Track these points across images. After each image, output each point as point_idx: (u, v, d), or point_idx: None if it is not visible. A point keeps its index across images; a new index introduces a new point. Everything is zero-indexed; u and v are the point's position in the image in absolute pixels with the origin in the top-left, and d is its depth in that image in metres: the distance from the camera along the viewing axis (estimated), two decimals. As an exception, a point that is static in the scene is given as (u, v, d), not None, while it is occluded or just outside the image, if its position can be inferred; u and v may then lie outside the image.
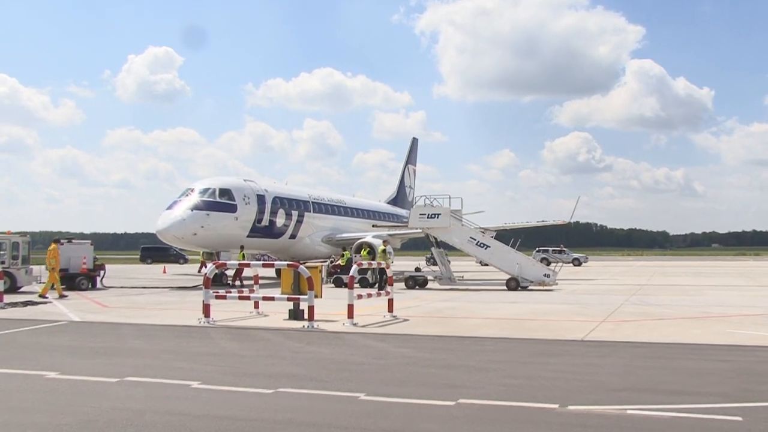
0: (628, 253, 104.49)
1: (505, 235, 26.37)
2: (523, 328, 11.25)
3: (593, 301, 16.74)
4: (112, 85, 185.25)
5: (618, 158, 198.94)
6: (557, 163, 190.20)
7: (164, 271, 37.56)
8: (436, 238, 23.08)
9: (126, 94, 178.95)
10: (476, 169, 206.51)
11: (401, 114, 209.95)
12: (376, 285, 22.42)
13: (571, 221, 30.80)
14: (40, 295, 17.81)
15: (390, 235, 33.87)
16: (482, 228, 27.47)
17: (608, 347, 9.20)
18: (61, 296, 18.14)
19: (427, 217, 22.47)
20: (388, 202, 46.07)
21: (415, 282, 22.63)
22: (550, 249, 52.00)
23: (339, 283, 23.16)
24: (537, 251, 49.93)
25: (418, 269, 24.26)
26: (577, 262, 50.59)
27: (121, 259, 63.84)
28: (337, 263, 25.29)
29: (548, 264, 42.72)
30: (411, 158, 49.55)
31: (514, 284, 21.28)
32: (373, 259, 24.03)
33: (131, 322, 12.33)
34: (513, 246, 22.60)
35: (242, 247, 25.42)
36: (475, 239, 22.15)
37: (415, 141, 50.46)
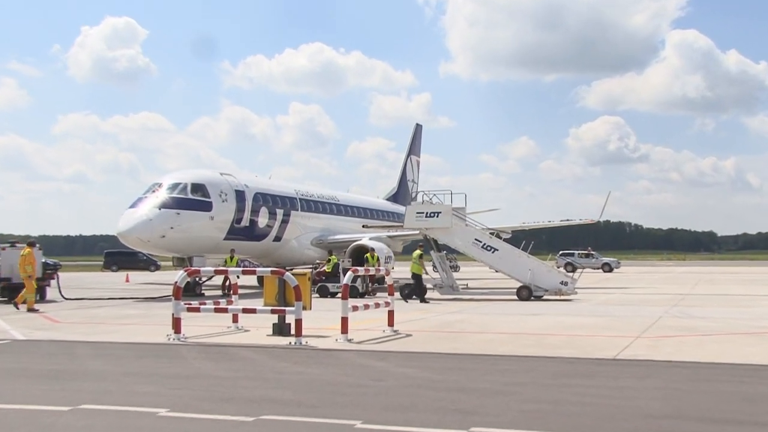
0: (667, 257, 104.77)
1: (521, 237, 26.40)
2: (545, 345, 11.26)
3: (627, 313, 16.79)
4: (62, 62, 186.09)
5: (656, 147, 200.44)
6: (584, 153, 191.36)
7: (127, 280, 37.59)
8: (436, 241, 23.25)
9: (80, 72, 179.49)
10: (490, 161, 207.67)
11: (403, 97, 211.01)
12: (366, 295, 22.64)
13: (601, 220, 30.83)
14: (29, 309, 18.19)
15: (390, 236, 33.95)
16: (494, 229, 27.51)
17: (645, 367, 9.21)
18: (31, 309, 18.34)
19: (426, 216, 22.67)
20: (388, 199, 46.14)
21: (412, 290, 22.71)
22: (576, 253, 52.07)
23: (324, 293, 23.40)
24: (561, 255, 49.98)
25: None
26: (607, 268, 50.65)
27: (78, 266, 63.77)
28: (321, 269, 25.41)
29: (573, 270, 42.80)
30: (414, 148, 49.60)
31: (525, 293, 21.45)
32: (380, 265, 24.20)
33: (88, 340, 12.32)
34: (525, 249, 22.70)
35: (233, 251, 25.49)
36: (480, 241, 22.32)
37: (418, 128, 50.53)
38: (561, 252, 52.47)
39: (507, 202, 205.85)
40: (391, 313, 13.33)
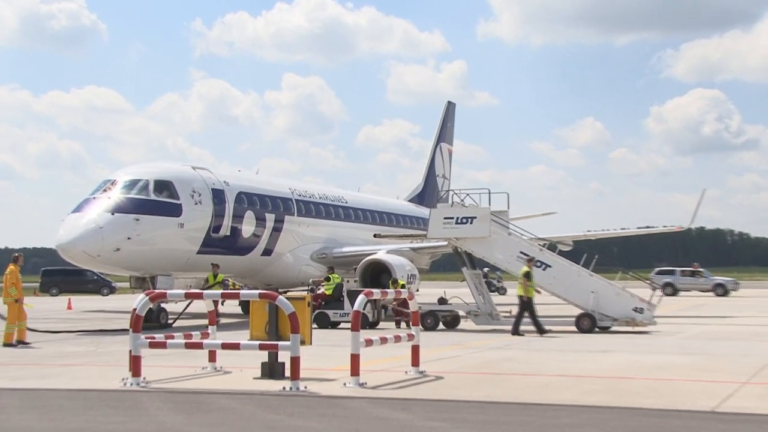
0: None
1: (584, 250, 26.16)
2: (618, 392, 11.18)
3: (729, 351, 16.68)
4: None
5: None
6: (670, 138, 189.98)
7: (69, 307, 37.81)
8: (469, 255, 23.30)
9: (3, 33, 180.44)
10: (544, 149, 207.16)
11: (429, 66, 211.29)
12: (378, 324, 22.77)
13: (692, 227, 30.57)
14: (19, 341, 18.77)
15: (414, 249, 33.90)
16: (548, 239, 27.36)
17: (757, 424, 9.10)
18: (22, 342, 18.88)
19: (456, 223, 22.83)
20: (411, 200, 46.19)
21: (437, 319, 22.65)
22: (678, 270, 51.29)
23: (323, 323, 23.44)
24: (657, 273, 49.53)
25: (442, 300, 24.48)
26: (721, 290, 49.28)
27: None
28: (320, 292, 25.43)
29: (673, 293, 42.06)
30: (445, 133, 49.69)
31: (588, 323, 21.47)
32: (402, 287, 24.41)
33: (15, 387, 12.27)
34: (588, 266, 22.64)
35: (216, 266, 25.52)
36: (527, 256, 22.27)
37: (450, 107, 50.59)
38: (657, 269, 51.98)
39: (566, 204, 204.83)
40: (415, 349, 13.28)
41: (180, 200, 25.36)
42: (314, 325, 22.44)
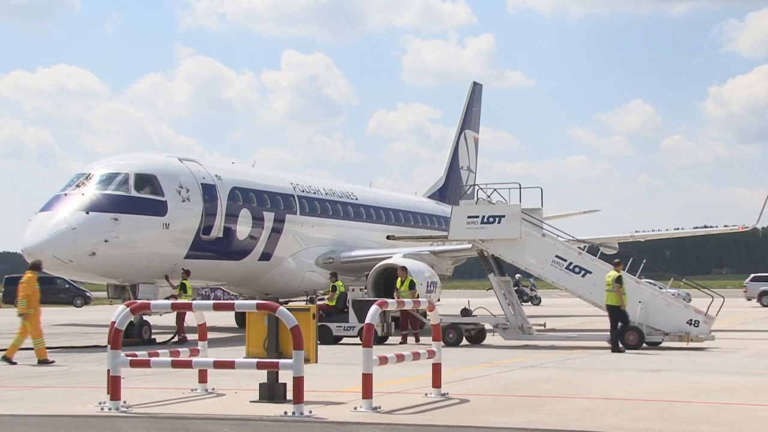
0: None
1: (632, 252, 26.19)
2: (672, 418, 11.15)
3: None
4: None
5: None
6: (732, 124, 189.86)
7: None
8: (497, 259, 23.37)
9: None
10: (586, 137, 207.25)
11: (452, 41, 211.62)
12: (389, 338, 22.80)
13: (759, 227, 30.53)
14: (41, 361, 19.02)
15: (434, 253, 33.93)
16: (590, 241, 27.35)
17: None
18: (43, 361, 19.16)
19: (482, 222, 22.87)
20: (431, 196, 46.18)
21: (460, 334, 22.76)
22: None
23: (327, 337, 23.51)
24: (752, 280, 49.28)
25: (466, 312, 24.68)
26: None
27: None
28: (322, 303, 25.48)
29: None
30: (470, 119, 49.65)
31: (634, 338, 21.46)
32: (411, 285, 24.55)
33: (-22, 411, 12.34)
34: (633, 271, 22.66)
35: (187, 273, 25.63)
36: (564, 260, 22.41)
37: (477, 89, 50.54)
38: (752, 275, 51.54)
39: (611, 201, 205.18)
40: (436, 368, 13.27)
41: (165, 197, 25.42)
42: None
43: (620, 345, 20.90)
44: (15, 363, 18.89)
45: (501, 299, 23.37)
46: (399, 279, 25.67)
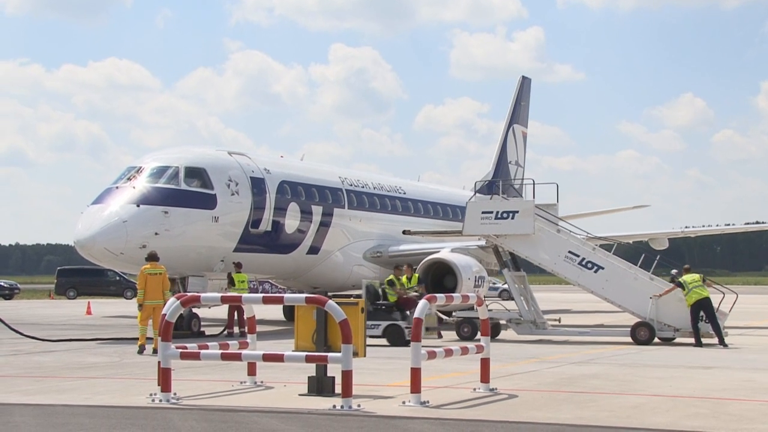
0: None
1: (682, 249, 25.97)
2: (726, 416, 11.04)
3: None
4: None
5: None
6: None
7: (89, 312, 38.53)
8: (512, 254, 23.53)
9: (11, 1, 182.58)
10: (635, 132, 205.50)
11: (500, 35, 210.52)
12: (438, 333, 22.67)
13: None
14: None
15: (482, 248, 33.78)
16: (641, 236, 27.05)
17: None
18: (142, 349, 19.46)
19: (496, 218, 23.04)
20: (480, 190, 45.91)
21: (475, 328, 22.61)
22: None
23: (396, 339, 21.66)
24: None
25: None
26: None
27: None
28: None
29: None
30: (518, 114, 49.44)
31: (645, 334, 21.51)
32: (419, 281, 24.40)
33: (29, 402, 12.40)
34: (646, 267, 22.64)
35: (238, 265, 25.78)
36: (577, 255, 22.47)
37: (525, 83, 50.31)
38: None
39: (661, 196, 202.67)
40: (485, 363, 13.26)
41: (214, 190, 25.61)
42: (383, 341, 22.02)
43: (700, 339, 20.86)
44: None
45: (514, 293, 23.57)
46: (405, 276, 24.00)
